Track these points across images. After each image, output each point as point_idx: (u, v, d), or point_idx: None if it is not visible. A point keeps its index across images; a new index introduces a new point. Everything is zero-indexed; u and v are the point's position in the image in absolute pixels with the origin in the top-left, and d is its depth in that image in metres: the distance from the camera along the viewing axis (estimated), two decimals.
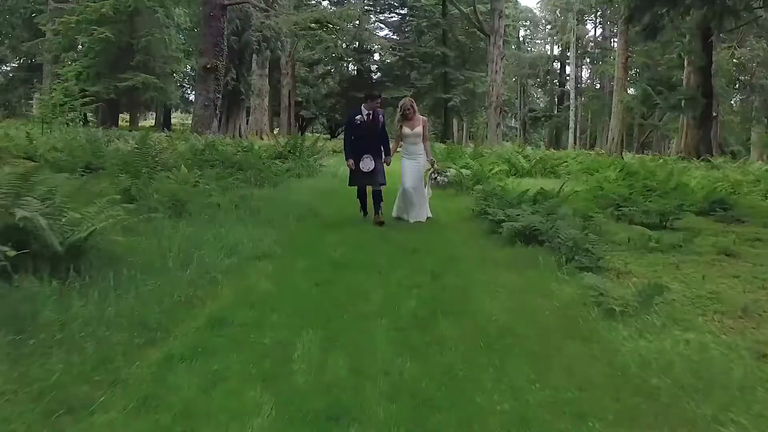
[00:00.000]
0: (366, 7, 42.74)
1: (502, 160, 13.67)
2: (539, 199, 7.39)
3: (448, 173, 9.48)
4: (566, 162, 14.70)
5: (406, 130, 7.59)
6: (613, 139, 27.53)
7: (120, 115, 39.22)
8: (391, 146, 7.68)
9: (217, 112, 22.02)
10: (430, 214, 7.74)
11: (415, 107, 7.70)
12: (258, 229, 5.96)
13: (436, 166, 8.28)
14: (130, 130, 27.00)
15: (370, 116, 7.32)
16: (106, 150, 10.74)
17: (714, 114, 26.86)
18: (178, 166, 8.84)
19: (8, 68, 45.91)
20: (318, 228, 6.92)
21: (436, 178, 8.66)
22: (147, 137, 10.13)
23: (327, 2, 43.88)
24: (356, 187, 7.68)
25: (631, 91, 29.98)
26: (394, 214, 7.68)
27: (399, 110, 7.67)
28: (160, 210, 5.91)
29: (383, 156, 7.51)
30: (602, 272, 4.73)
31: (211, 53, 20.78)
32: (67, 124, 20.95)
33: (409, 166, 7.58)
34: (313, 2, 42.23)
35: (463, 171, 10.37)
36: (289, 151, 11.87)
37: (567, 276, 4.56)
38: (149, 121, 58.41)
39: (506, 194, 7.86)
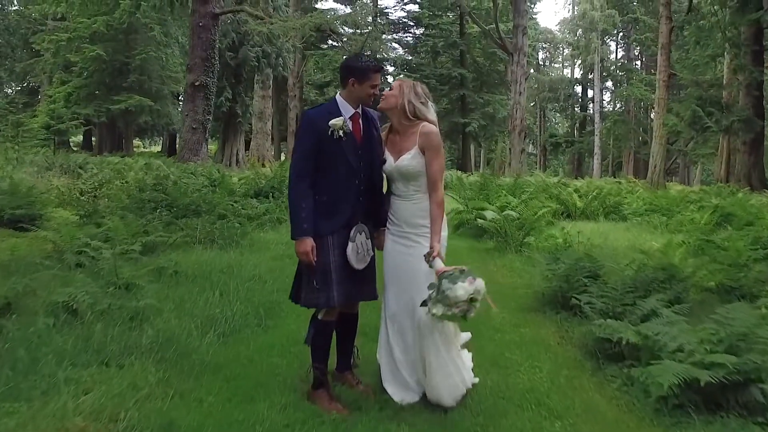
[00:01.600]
0: (378, 18, 40.24)
1: (547, 195, 10.65)
2: (661, 277, 4.33)
3: (478, 288, 2.69)
4: (627, 198, 11.60)
5: (385, 157, 3.13)
6: (655, 167, 24.45)
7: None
8: None
9: (207, 135, 19.35)
10: (474, 378, 3.22)
11: (410, 99, 2.98)
12: (103, 390, 2.61)
13: (439, 261, 2.88)
14: (123, 156, 24.55)
15: (358, 121, 3.03)
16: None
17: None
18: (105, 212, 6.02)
19: (11, 92, 44.29)
20: (254, 368, 3.28)
21: (444, 294, 2.67)
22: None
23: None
24: (318, 315, 3.01)
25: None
26: (378, 356, 3.25)
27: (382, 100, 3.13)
28: None
29: (372, 224, 3.15)
30: None
31: (201, 69, 18.18)
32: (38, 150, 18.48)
33: (398, 260, 3.08)
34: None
35: (507, 214, 7.35)
36: (272, 187, 9.00)
37: None
38: (156, 146, 56.34)
39: (594, 264, 4.80)
